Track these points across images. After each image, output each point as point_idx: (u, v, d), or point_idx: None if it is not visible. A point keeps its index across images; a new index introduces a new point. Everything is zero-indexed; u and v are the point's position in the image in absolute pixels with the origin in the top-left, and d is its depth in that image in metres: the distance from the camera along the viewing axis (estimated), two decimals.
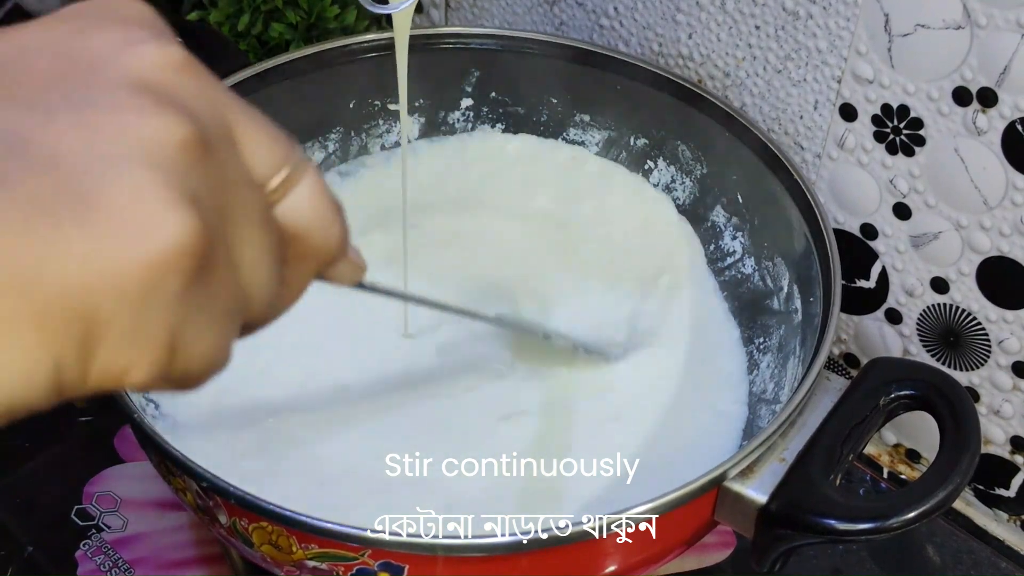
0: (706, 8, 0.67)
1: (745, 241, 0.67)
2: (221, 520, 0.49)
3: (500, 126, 0.74)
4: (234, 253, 0.28)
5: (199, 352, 0.27)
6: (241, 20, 0.75)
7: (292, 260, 0.31)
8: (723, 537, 0.64)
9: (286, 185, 0.30)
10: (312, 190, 0.31)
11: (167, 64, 0.28)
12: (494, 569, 0.48)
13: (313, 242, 0.31)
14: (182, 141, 0.26)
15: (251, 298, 0.29)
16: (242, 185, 0.29)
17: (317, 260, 0.32)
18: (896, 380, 0.53)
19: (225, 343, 0.28)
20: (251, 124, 0.30)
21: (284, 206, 0.30)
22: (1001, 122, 0.57)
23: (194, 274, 0.26)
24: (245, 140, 0.29)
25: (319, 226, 0.31)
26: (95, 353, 0.25)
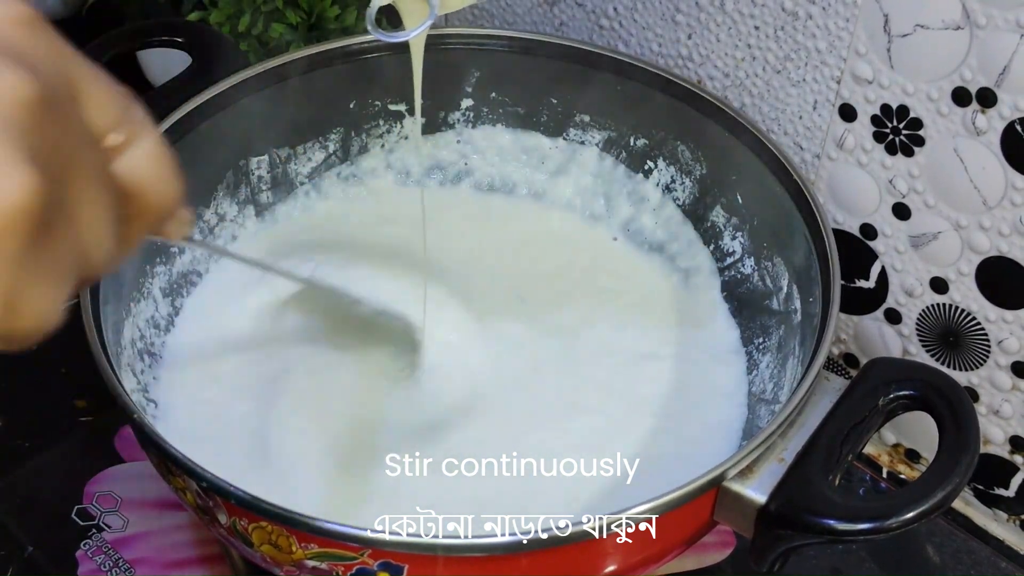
0: (705, 8, 0.67)
1: (745, 241, 0.67)
2: (221, 520, 0.49)
3: (500, 126, 0.74)
4: (73, 211, 0.28)
5: (34, 310, 0.27)
6: (241, 20, 0.75)
7: (129, 217, 0.31)
8: (723, 537, 0.64)
9: (125, 143, 0.31)
10: (150, 148, 0.31)
11: (13, 20, 0.28)
12: (494, 569, 0.48)
13: (149, 199, 0.32)
14: (26, 98, 0.26)
15: (88, 255, 0.29)
16: (83, 143, 0.29)
17: (152, 217, 0.33)
18: (895, 380, 0.53)
19: (60, 300, 0.28)
20: (94, 83, 0.30)
21: (122, 164, 0.31)
22: (1000, 122, 0.57)
23: (33, 234, 0.26)
24: (87, 98, 0.29)
25: (156, 183, 0.32)
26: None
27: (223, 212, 0.69)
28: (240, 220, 0.70)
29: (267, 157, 0.70)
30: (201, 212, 0.68)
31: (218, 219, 0.69)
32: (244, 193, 0.70)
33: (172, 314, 0.65)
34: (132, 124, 0.31)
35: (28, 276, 0.27)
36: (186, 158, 0.63)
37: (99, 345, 0.52)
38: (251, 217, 0.70)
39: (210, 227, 0.68)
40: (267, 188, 0.71)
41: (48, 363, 0.70)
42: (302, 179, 0.72)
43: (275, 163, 0.71)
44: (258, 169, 0.70)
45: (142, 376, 0.60)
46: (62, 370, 0.71)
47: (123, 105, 0.31)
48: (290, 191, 0.72)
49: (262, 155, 0.70)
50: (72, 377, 0.70)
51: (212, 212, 0.68)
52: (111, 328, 0.57)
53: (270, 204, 0.71)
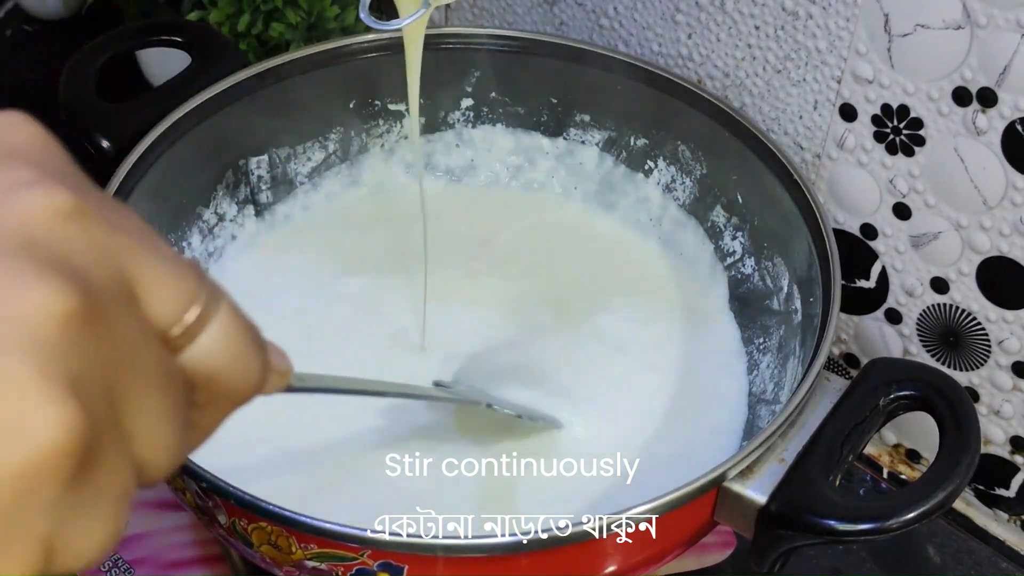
0: (705, 8, 0.67)
1: (745, 241, 0.67)
2: (221, 520, 0.49)
3: (500, 126, 0.74)
4: (127, 426, 0.25)
5: (82, 548, 0.24)
6: (241, 20, 0.75)
7: (204, 403, 0.28)
8: (723, 537, 0.64)
9: (196, 326, 0.27)
10: (226, 326, 0.27)
11: (53, 214, 0.24)
12: (494, 569, 0.48)
13: (229, 384, 0.28)
14: (64, 315, 0.23)
15: (148, 465, 0.26)
16: (139, 347, 0.25)
17: (232, 401, 0.29)
18: (896, 380, 0.53)
19: (113, 529, 0.25)
20: (154, 266, 0.26)
21: (193, 350, 0.27)
22: (1001, 122, 0.57)
23: (73, 473, 0.23)
24: (147, 289, 0.26)
25: (235, 364, 0.28)
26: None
27: (223, 212, 0.69)
28: (240, 220, 0.70)
29: (267, 157, 0.70)
30: (201, 212, 0.68)
31: (218, 219, 0.69)
32: (244, 193, 0.70)
33: None
34: (202, 304, 0.27)
35: (69, 516, 0.23)
36: (186, 158, 0.64)
37: None
38: (251, 217, 0.70)
39: (210, 227, 0.68)
40: (267, 188, 0.71)
41: None
42: (302, 179, 0.72)
43: (275, 163, 0.71)
44: (258, 169, 0.70)
45: None
46: None
47: (191, 285, 0.27)
48: (290, 191, 0.72)
49: (262, 155, 0.70)
50: None
51: (212, 212, 0.68)
52: None
53: (270, 204, 0.71)
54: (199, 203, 0.68)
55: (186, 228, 0.67)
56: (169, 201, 0.65)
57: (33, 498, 0.22)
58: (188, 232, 0.67)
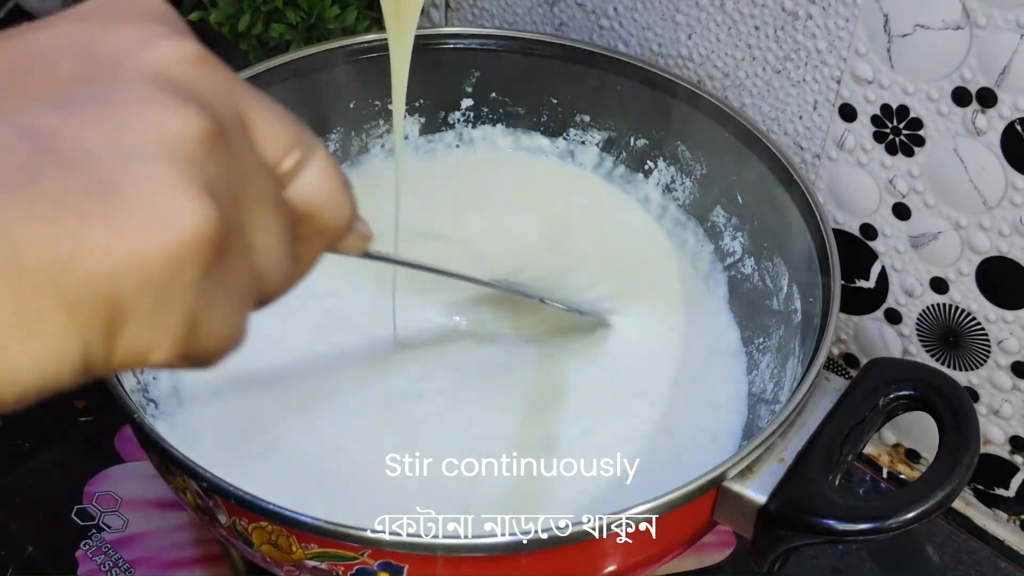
0: (705, 8, 0.67)
1: (745, 241, 0.67)
2: (221, 520, 0.49)
3: (500, 126, 0.74)
4: (249, 237, 0.29)
5: (217, 331, 0.29)
6: (241, 20, 0.75)
7: (304, 238, 0.32)
8: (723, 537, 0.64)
9: (298, 167, 0.31)
10: (322, 170, 0.32)
11: (184, 59, 0.29)
12: (494, 569, 0.48)
13: (324, 220, 0.33)
14: (199, 134, 0.27)
15: (265, 277, 0.30)
16: (256, 172, 0.30)
17: (327, 236, 0.33)
18: (896, 380, 0.53)
19: (241, 322, 0.30)
20: (263, 111, 0.31)
21: (296, 187, 0.31)
22: (1000, 122, 0.57)
23: (211, 260, 0.27)
24: (258, 127, 0.30)
25: (330, 204, 0.32)
26: (120, 335, 0.27)
27: None
28: None
29: None
30: None
31: None
32: None
33: None
34: (303, 148, 0.31)
35: (208, 300, 0.28)
36: None
37: None
38: None
39: None
40: None
41: None
42: None
43: None
44: None
45: (142, 376, 0.60)
46: None
47: (293, 132, 0.31)
48: None
49: None
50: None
51: None
52: None
53: None
54: None
55: None
56: None
57: (181, 275, 0.27)
58: None
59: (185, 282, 0.27)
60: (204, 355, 0.29)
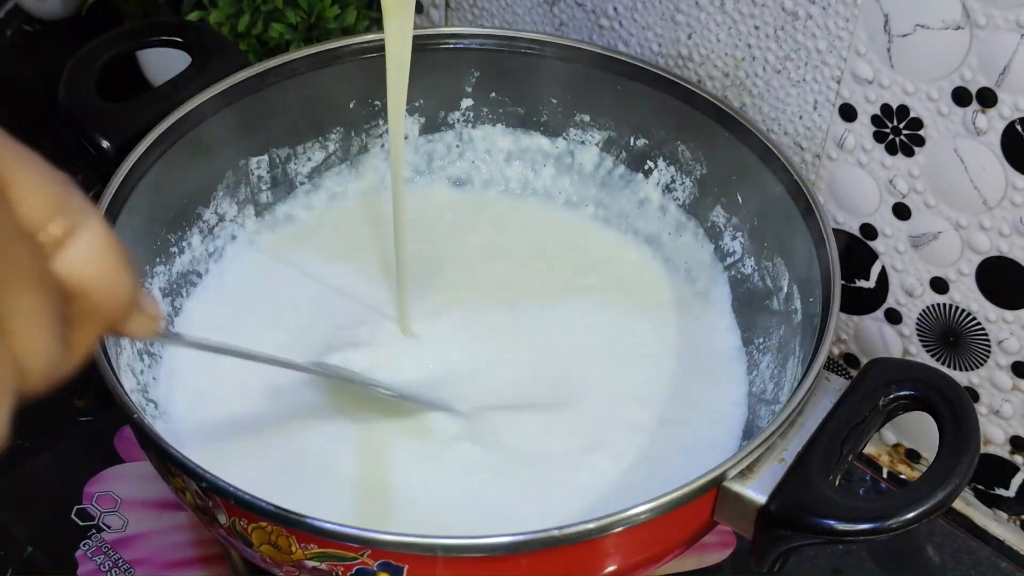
0: (705, 8, 0.67)
1: (745, 241, 0.67)
2: (221, 520, 0.49)
3: (500, 126, 0.74)
4: (5, 322, 0.25)
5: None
6: (241, 20, 0.75)
7: (76, 319, 0.28)
8: (723, 537, 0.64)
9: (65, 237, 0.27)
10: (94, 241, 0.28)
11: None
12: (494, 569, 0.48)
13: (98, 299, 0.29)
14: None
15: (28, 368, 0.27)
16: (12, 239, 0.26)
17: (103, 319, 0.29)
18: (896, 380, 0.53)
19: (1, 421, 0.26)
20: (24, 172, 0.27)
21: (64, 260, 0.27)
22: (1001, 122, 0.57)
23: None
24: (17, 190, 0.26)
25: (103, 281, 0.29)
26: None
27: (223, 212, 0.69)
28: (240, 220, 0.70)
29: (267, 157, 0.70)
30: (201, 212, 0.68)
31: (218, 219, 0.69)
32: (244, 193, 0.70)
33: (172, 314, 0.65)
34: (72, 214, 0.27)
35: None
36: (186, 158, 0.64)
37: (99, 345, 0.52)
38: (251, 217, 0.70)
39: (210, 227, 0.68)
40: (267, 188, 0.71)
41: None
42: (302, 179, 0.72)
43: (275, 163, 0.71)
44: (258, 169, 0.70)
45: (142, 376, 0.60)
46: None
47: (61, 194, 0.27)
48: (290, 191, 0.72)
49: (262, 155, 0.70)
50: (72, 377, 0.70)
51: (212, 212, 0.68)
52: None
53: (270, 204, 0.71)
54: (199, 203, 0.68)
55: (186, 228, 0.67)
56: (169, 201, 0.65)
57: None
58: (188, 232, 0.67)
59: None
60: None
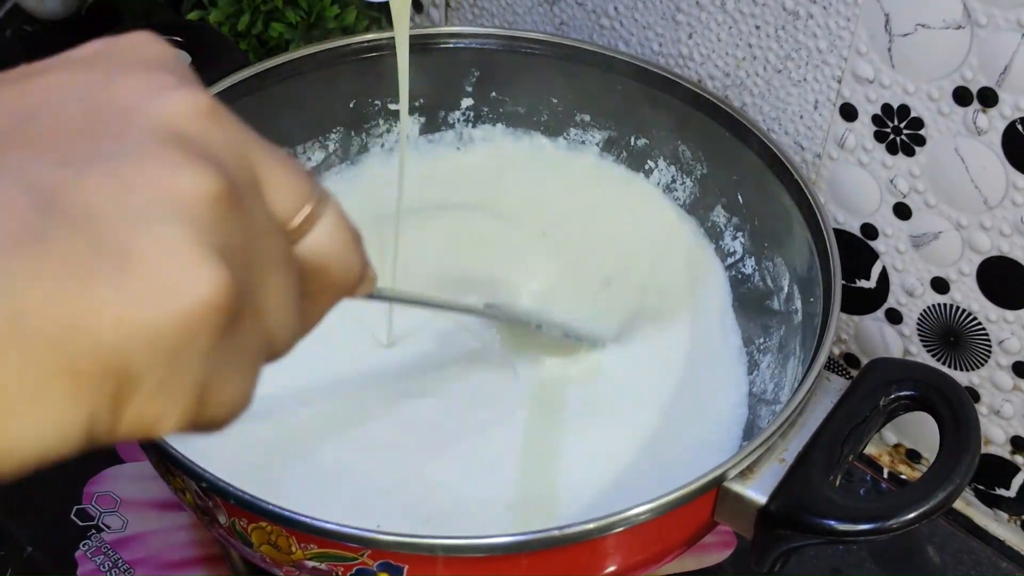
0: (706, 8, 0.67)
1: (745, 241, 0.67)
2: (221, 520, 0.49)
3: (500, 126, 0.74)
4: (259, 300, 0.28)
5: (227, 399, 0.28)
6: (241, 20, 0.75)
7: (312, 293, 0.31)
8: (723, 537, 0.64)
9: (308, 222, 0.30)
10: (333, 224, 0.31)
11: (195, 112, 0.28)
12: (494, 569, 0.48)
13: (334, 275, 0.31)
14: (212, 195, 0.26)
15: (275, 338, 0.29)
16: (268, 231, 0.29)
17: (337, 292, 0.32)
18: (896, 380, 0.53)
19: (251, 386, 0.29)
20: (274, 165, 0.29)
21: (306, 242, 0.30)
22: (1001, 122, 0.57)
23: (224, 327, 0.26)
24: (269, 182, 0.29)
25: (340, 259, 0.31)
26: (127, 405, 0.26)
27: None
28: None
29: None
30: None
31: None
32: None
33: None
34: (314, 202, 0.30)
35: (219, 366, 0.27)
36: None
37: None
38: None
39: None
40: None
41: None
42: None
43: None
44: None
45: None
46: None
47: (304, 184, 0.30)
48: None
49: None
50: None
51: None
52: None
53: None
54: None
55: None
56: None
57: (193, 344, 0.26)
58: None
59: (198, 351, 0.26)
60: (213, 422, 0.28)
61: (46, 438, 0.25)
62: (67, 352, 0.24)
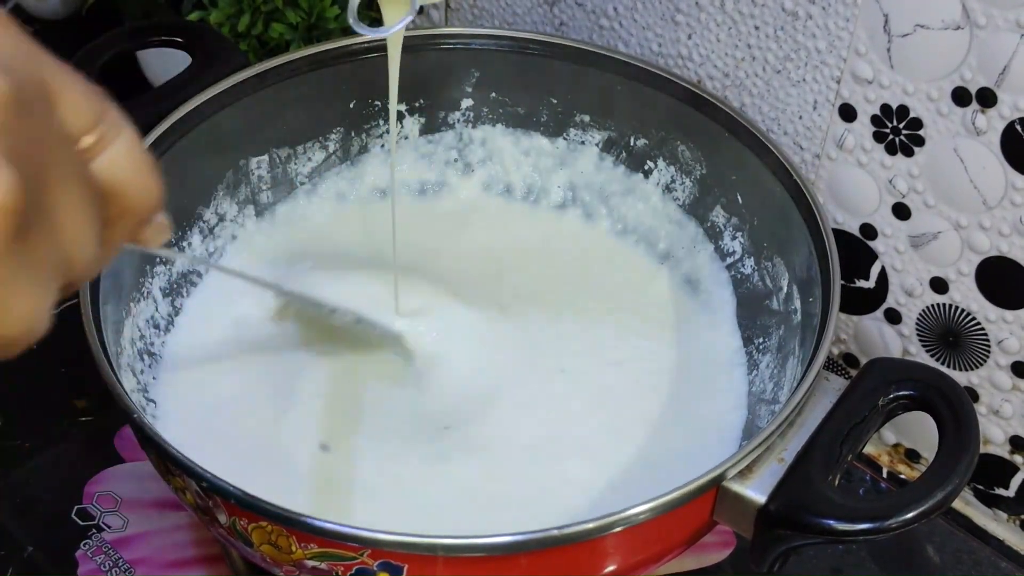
0: (705, 8, 0.67)
1: (745, 241, 0.67)
2: (221, 520, 0.49)
3: (500, 126, 0.74)
4: (52, 212, 0.28)
5: (19, 314, 0.27)
6: (241, 20, 0.75)
7: (109, 220, 0.31)
8: (723, 537, 0.64)
9: (102, 143, 0.30)
10: (127, 148, 0.31)
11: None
12: (494, 569, 0.48)
13: (130, 200, 0.31)
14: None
15: (71, 258, 0.29)
16: (59, 143, 0.28)
17: (133, 219, 0.32)
18: (895, 380, 0.53)
19: (45, 305, 0.28)
20: (67, 83, 0.29)
21: (100, 163, 0.30)
22: (1000, 122, 0.57)
23: (13, 233, 0.26)
24: (60, 98, 0.29)
25: (135, 183, 0.31)
26: None
27: (223, 212, 0.69)
28: (240, 220, 0.70)
29: (267, 157, 0.70)
30: (201, 212, 0.68)
31: (218, 219, 0.69)
32: (244, 193, 0.70)
33: (172, 314, 0.65)
34: (108, 124, 0.30)
35: (12, 277, 0.26)
36: (186, 158, 0.64)
37: (99, 345, 0.52)
38: (251, 217, 0.70)
39: (210, 227, 0.68)
40: (267, 188, 0.71)
41: (48, 363, 0.70)
42: (302, 179, 0.72)
43: (275, 163, 0.71)
44: (258, 169, 0.70)
45: (142, 376, 0.60)
46: (62, 370, 0.71)
47: (98, 105, 0.30)
48: (290, 191, 0.72)
49: (262, 155, 0.70)
50: (72, 377, 0.70)
51: (212, 212, 0.68)
52: (111, 328, 0.57)
53: (270, 204, 0.71)
54: (199, 203, 0.68)
55: (186, 228, 0.67)
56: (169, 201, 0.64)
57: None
58: (188, 232, 0.67)
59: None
60: (6, 338, 0.27)
61: None
62: None
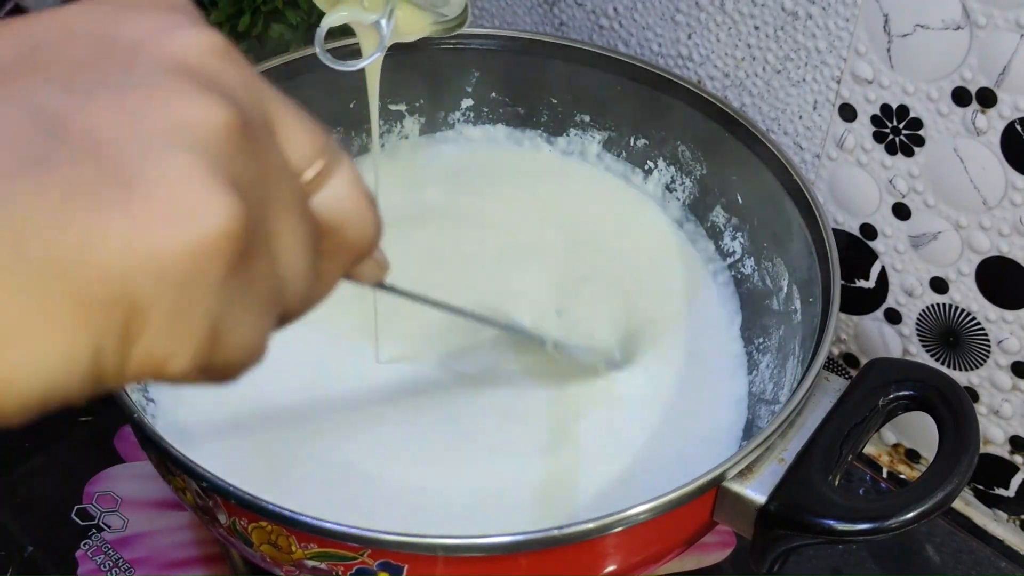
0: (705, 8, 0.67)
1: (745, 241, 0.67)
2: (221, 520, 0.49)
3: (500, 126, 0.74)
4: (272, 242, 0.27)
5: (239, 342, 0.27)
6: (241, 21, 0.75)
7: (326, 253, 0.30)
8: (723, 537, 0.64)
9: (322, 177, 0.30)
10: (348, 183, 0.30)
11: (207, 50, 0.27)
12: (494, 569, 0.48)
13: (348, 235, 0.31)
14: (225, 125, 0.26)
15: (288, 288, 0.29)
16: (281, 174, 0.28)
17: (350, 254, 0.31)
18: (895, 380, 0.53)
19: (264, 333, 0.28)
20: (289, 114, 0.29)
21: (320, 198, 0.30)
22: (1000, 122, 0.57)
23: (236, 260, 0.25)
24: (282, 130, 0.29)
25: (354, 219, 0.31)
26: (136, 340, 0.25)
27: None
28: None
29: None
30: None
31: None
32: None
33: None
34: (329, 158, 0.30)
35: (231, 304, 0.26)
36: None
37: None
38: None
39: None
40: None
41: None
42: None
43: None
44: None
45: None
46: None
47: (320, 139, 0.30)
48: None
49: None
50: None
51: None
52: None
53: None
54: None
55: None
56: None
57: (203, 276, 0.25)
58: None
59: (208, 283, 0.25)
60: (225, 368, 0.27)
61: (50, 371, 0.24)
62: (71, 279, 0.23)
